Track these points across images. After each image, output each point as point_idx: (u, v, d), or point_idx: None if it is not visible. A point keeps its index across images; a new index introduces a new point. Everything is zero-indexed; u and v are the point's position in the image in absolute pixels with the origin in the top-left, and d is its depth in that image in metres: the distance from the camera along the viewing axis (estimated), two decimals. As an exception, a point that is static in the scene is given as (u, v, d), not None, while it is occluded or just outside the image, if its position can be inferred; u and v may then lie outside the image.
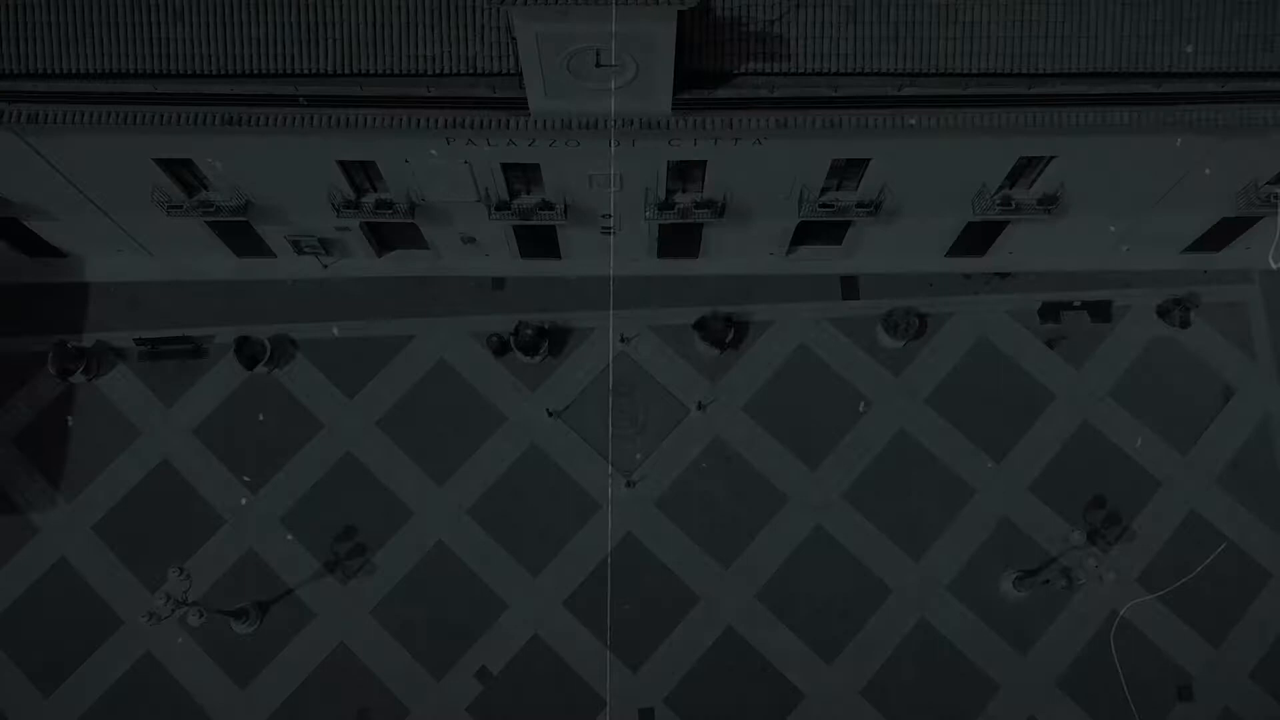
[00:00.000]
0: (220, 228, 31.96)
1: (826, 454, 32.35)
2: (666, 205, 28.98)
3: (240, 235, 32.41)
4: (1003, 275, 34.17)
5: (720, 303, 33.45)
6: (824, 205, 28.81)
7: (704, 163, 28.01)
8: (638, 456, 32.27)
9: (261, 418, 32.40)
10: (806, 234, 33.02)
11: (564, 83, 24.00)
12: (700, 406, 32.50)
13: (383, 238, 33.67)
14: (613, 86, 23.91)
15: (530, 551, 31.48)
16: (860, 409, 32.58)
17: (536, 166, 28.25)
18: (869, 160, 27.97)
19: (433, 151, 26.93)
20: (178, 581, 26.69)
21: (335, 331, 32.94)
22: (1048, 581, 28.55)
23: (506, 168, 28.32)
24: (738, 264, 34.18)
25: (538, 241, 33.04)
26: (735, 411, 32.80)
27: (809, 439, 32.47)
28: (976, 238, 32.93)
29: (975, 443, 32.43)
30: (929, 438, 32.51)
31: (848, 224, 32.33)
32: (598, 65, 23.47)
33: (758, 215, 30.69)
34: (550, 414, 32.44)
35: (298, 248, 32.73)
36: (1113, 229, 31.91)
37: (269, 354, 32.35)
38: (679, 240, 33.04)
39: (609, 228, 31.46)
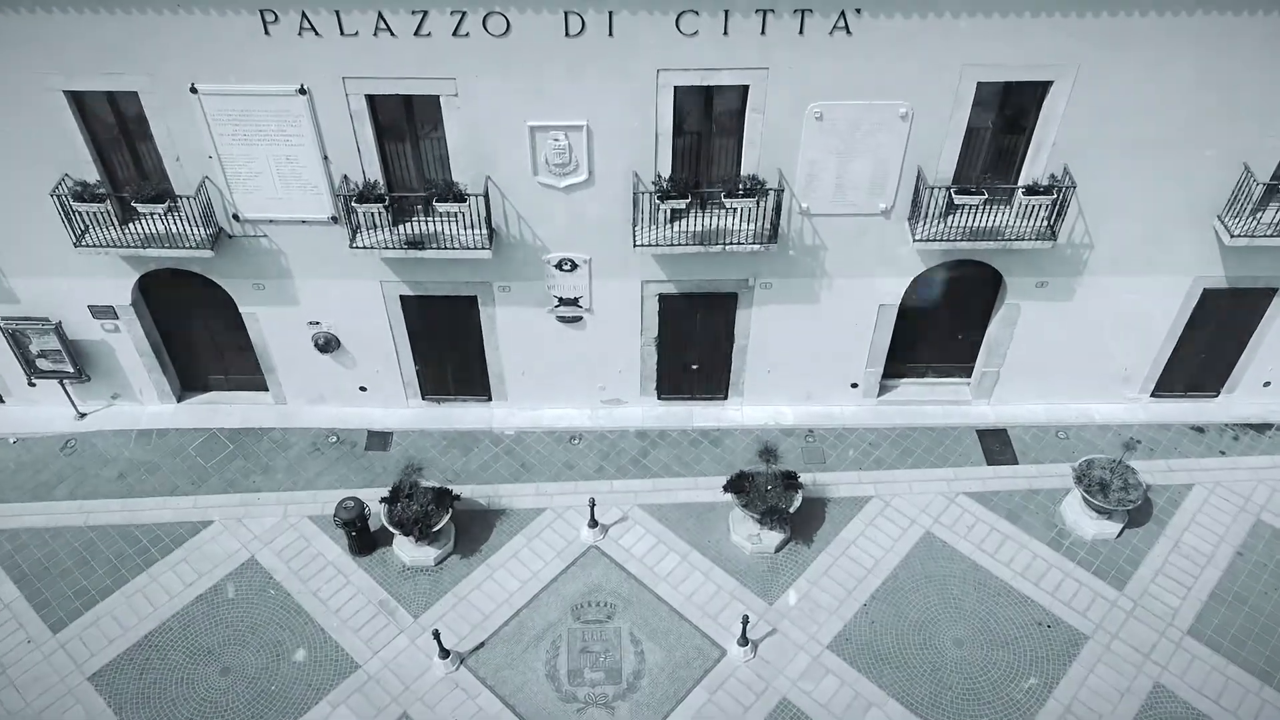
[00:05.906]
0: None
1: (1006, 735, 15.73)
2: (672, 193, 15.60)
3: (-71, 336, 18.71)
4: (1260, 428, 19.73)
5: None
6: (962, 191, 15.52)
7: (741, 103, 15.27)
8: (621, 742, 15.59)
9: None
10: (912, 341, 19.27)
11: None
12: (746, 642, 16.39)
13: (184, 367, 19.76)
14: None
15: None
16: (1043, 625, 16.52)
17: (435, 112, 15.46)
18: (1042, 102, 15.30)
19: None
20: None
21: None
22: None
23: (378, 111, 15.52)
24: (796, 411, 19.93)
25: (446, 342, 19.08)
26: (815, 651, 16.54)
27: (961, 702, 15.96)
28: (1213, 350, 19.08)
29: (1308, 710, 15.92)
30: (1211, 698, 16.00)
31: (984, 327, 18.82)
32: None
33: (835, 251, 17.14)
34: (445, 656, 16.20)
35: (27, 360, 18.71)
36: None
37: (-82, 537, 16.97)
38: (694, 360, 19.14)
39: (568, 302, 17.79)
